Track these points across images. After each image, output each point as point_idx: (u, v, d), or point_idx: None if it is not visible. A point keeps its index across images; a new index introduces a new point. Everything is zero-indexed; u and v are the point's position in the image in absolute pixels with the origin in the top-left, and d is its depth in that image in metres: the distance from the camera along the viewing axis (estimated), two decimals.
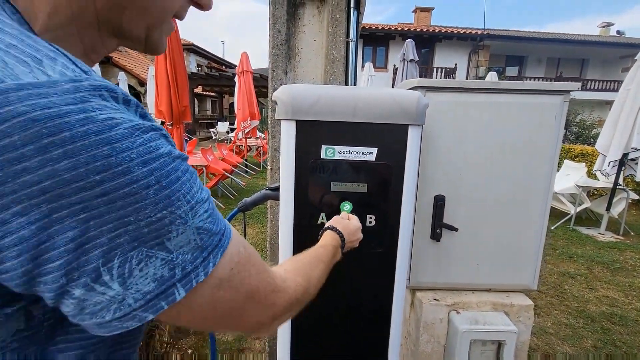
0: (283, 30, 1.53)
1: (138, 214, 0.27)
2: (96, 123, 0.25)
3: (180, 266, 0.30)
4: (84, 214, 0.25)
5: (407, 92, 0.99)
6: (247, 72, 7.14)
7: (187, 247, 0.30)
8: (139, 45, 0.40)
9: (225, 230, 0.35)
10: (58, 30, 0.33)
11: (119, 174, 0.26)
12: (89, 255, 0.26)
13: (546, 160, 1.26)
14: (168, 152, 0.30)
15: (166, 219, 0.29)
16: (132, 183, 0.26)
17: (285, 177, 1.00)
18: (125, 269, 0.27)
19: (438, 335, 1.35)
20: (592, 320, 2.62)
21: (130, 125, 0.27)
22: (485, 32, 14.56)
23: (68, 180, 0.24)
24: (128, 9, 0.35)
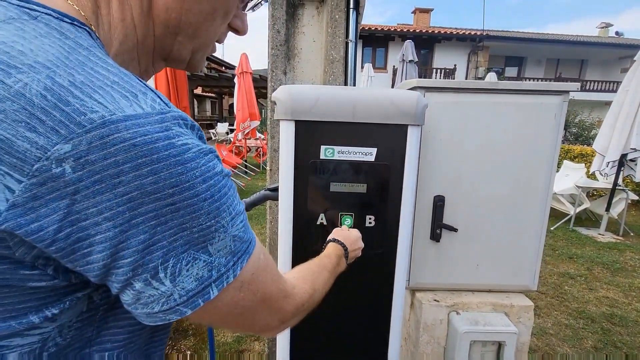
0: (282, 30, 1.53)
1: (193, 221, 0.32)
2: (175, 148, 0.31)
3: (216, 268, 0.34)
4: (155, 220, 0.30)
5: (406, 92, 0.99)
6: (246, 73, 7.13)
7: (223, 251, 0.35)
8: (182, 65, 0.46)
9: (252, 238, 0.40)
10: (125, 54, 0.40)
11: (186, 188, 0.31)
12: (152, 255, 0.31)
13: (546, 161, 1.25)
14: (220, 171, 0.35)
15: (213, 227, 0.33)
16: (194, 196, 0.32)
17: (284, 177, 1.00)
18: (177, 269, 0.32)
19: (438, 336, 1.34)
20: (592, 321, 2.62)
21: (197, 149, 0.33)
22: (484, 33, 14.59)
23: (149, 192, 0.29)
24: (180, 36, 0.41)
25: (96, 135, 0.28)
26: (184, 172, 0.31)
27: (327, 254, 0.72)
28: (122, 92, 0.30)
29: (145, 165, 0.29)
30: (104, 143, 0.28)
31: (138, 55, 0.41)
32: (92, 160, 0.28)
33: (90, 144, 0.28)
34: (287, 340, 1.09)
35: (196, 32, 0.42)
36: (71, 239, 0.29)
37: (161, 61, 0.44)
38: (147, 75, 0.45)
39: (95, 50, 0.32)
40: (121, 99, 0.30)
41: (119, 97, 0.30)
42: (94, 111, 0.28)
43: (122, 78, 0.32)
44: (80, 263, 0.30)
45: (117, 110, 0.29)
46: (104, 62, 0.32)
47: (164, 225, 0.31)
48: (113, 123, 0.28)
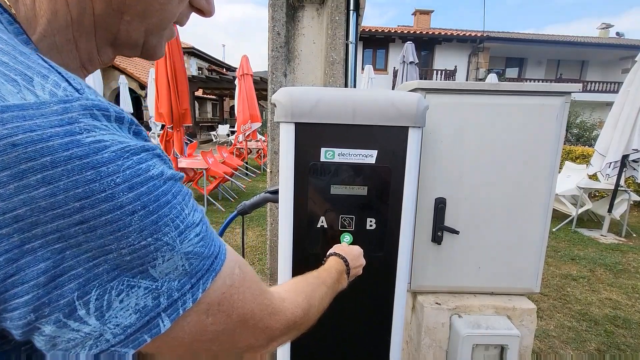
0: (282, 32, 1.53)
1: (120, 241, 0.25)
2: (82, 147, 0.24)
3: (165, 294, 0.28)
4: (60, 243, 0.24)
5: (407, 94, 0.99)
6: (247, 75, 7.15)
7: (173, 273, 0.29)
8: (136, 51, 0.38)
9: (219, 252, 0.34)
10: (56, 35, 0.33)
11: (102, 200, 0.24)
12: (63, 288, 0.24)
13: (547, 162, 1.25)
14: (159, 174, 0.28)
15: (151, 246, 0.27)
16: (116, 209, 0.25)
17: (284, 180, 0.99)
18: (104, 302, 0.26)
19: (440, 340, 1.33)
20: (596, 323, 2.60)
21: (119, 148, 0.26)
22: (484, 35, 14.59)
23: (44, 207, 0.23)
24: (126, 14, 0.34)
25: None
26: (97, 178, 0.24)
27: (326, 268, 0.67)
28: (10, 74, 0.24)
29: (33, 172, 0.22)
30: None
31: (74, 37, 0.34)
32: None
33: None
34: (287, 343, 1.08)
35: (147, 11, 0.35)
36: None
37: (108, 46, 0.36)
38: (92, 65, 0.37)
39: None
40: (5, 83, 0.23)
41: (3, 82, 0.23)
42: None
43: (16, 57, 0.25)
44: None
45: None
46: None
47: (76, 249, 0.24)
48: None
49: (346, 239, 1.01)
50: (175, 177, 0.30)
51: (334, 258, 0.74)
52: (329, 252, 0.78)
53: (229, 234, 4.13)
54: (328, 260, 0.74)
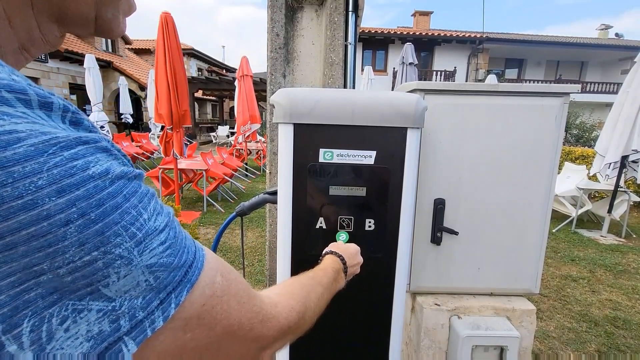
0: (281, 33, 1.53)
1: (54, 259, 0.21)
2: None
3: (127, 315, 0.24)
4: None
5: (405, 95, 0.99)
6: (247, 76, 7.16)
7: (135, 290, 0.24)
8: (88, 28, 0.32)
9: (195, 259, 0.29)
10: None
11: (19, 209, 0.19)
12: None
13: (546, 163, 1.25)
14: (102, 173, 0.23)
15: (99, 261, 0.22)
16: (41, 220, 0.20)
17: (283, 180, 0.99)
18: (42, 333, 0.21)
19: (439, 341, 1.33)
20: (596, 324, 2.59)
21: (40, 140, 0.20)
22: (484, 36, 14.61)
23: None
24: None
25: None
26: (8, 181, 0.19)
27: (322, 268, 0.64)
28: None
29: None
30: None
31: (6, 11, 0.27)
32: None
33: None
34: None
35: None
36: None
37: (52, 23, 0.30)
38: (34, 46, 0.31)
39: None
40: None
41: None
42: None
43: None
44: None
45: None
46: None
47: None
48: None
49: (342, 237, 1.00)
50: (128, 174, 0.25)
51: (330, 257, 0.71)
52: (325, 251, 0.75)
53: (228, 235, 4.13)
54: (324, 259, 0.71)
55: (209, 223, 4.63)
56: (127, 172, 0.25)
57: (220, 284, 0.31)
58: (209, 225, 4.57)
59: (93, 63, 8.21)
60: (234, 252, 3.69)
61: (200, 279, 0.29)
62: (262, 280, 3.06)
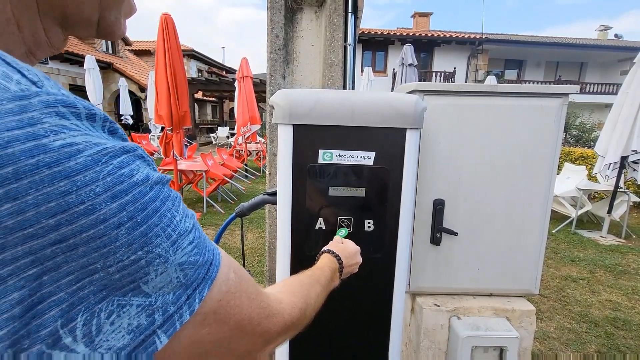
0: (281, 35, 1.53)
1: (107, 259, 0.23)
2: (50, 152, 0.20)
3: (160, 310, 0.26)
4: (35, 268, 0.21)
5: (404, 95, 0.99)
6: (247, 77, 7.17)
7: (168, 286, 0.26)
8: (90, 30, 0.33)
9: (214, 258, 0.31)
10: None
11: (81, 214, 0.21)
12: (43, 317, 0.21)
13: (546, 163, 1.25)
14: (144, 179, 0.25)
15: (142, 260, 0.24)
16: (98, 224, 0.22)
17: (282, 181, 0.99)
18: (92, 326, 0.23)
19: (439, 342, 1.33)
20: (596, 325, 2.59)
21: (95, 151, 0.23)
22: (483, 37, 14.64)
23: (11, 228, 0.20)
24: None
25: None
26: (72, 189, 0.21)
27: (319, 267, 0.65)
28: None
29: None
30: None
31: (15, 16, 0.28)
32: None
33: None
34: (285, 345, 1.07)
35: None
36: None
37: (57, 26, 0.31)
38: (40, 50, 0.32)
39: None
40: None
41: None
42: None
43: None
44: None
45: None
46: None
47: (55, 272, 0.21)
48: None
49: (341, 232, 1.00)
50: (162, 180, 0.27)
51: (327, 256, 0.72)
52: (323, 249, 0.76)
53: (228, 235, 4.13)
54: (321, 258, 0.72)
55: (209, 224, 4.63)
56: (161, 178, 0.27)
57: (233, 281, 0.32)
58: (209, 226, 4.57)
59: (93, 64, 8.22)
60: (234, 252, 3.69)
61: (218, 276, 0.31)
62: (261, 281, 3.06)
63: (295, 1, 1.59)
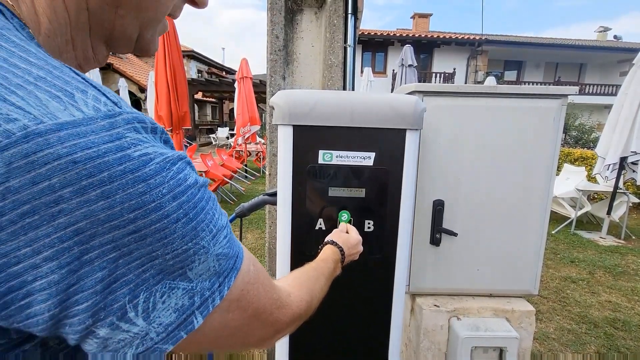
0: (281, 36, 1.54)
1: (166, 247, 0.27)
2: (132, 161, 0.25)
3: (199, 294, 0.30)
4: (114, 253, 0.25)
5: (404, 96, 0.99)
6: (246, 78, 7.17)
7: (206, 274, 0.31)
8: (129, 47, 0.38)
9: (239, 252, 0.35)
10: (58, 36, 0.32)
11: (152, 210, 0.26)
12: (116, 294, 0.26)
13: (545, 164, 1.25)
14: (194, 183, 0.30)
15: (191, 250, 0.29)
16: (163, 218, 0.27)
17: (282, 182, 0.99)
18: (150, 303, 0.28)
19: (439, 342, 1.33)
20: (595, 326, 2.59)
21: (161, 159, 0.27)
22: (483, 38, 14.67)
23: (102, 220, 0.24)
24: (121, 8, 0.33)
25: (17, 153, 0.21)
26: (147, 190, 0.25)
27: (323, 258, 0.69)
28: (51, 91, 0.24)
29: (93, 187, 0.23)
30: (30, 163, 0.22)
31: (72, 37, 0.33)
32: (15, 188, 0.21)
33: (10, 166, 0.21)
34: (285, 346, 1.08)
35: (141, 4, 0.34)
36: (0, 290, 0.23)
37: (102, 44, 0.36)
38: (87, 64, 0.36)
39: (8, 34, 0.25)
40: (51, 100, 0.23)
41: (48, 99, 0.23)
42: (10, 120, 0.21)
43: (51, 72, 0.25)
44: (18, 318, 0.24)
45: (46, 116, 0.22)
46: (23, 49, 0.25)
47: (128, 257, 0.26)
48: (41, 135, 0.22)
49: (344, 217, 1.00)
50: (205, 183, 0.32)
51: (330, 247, 0.75)
52: (327, 239, 0.79)
53: None
54: (324, 249, 0.75)
55: None
56: (205, 181, 0.32)
57: (253, 273, 0.37)
58: None
59: None
60: None
61: (242, 268, 0.35)
62: None
63: (296, 2, 1.59)
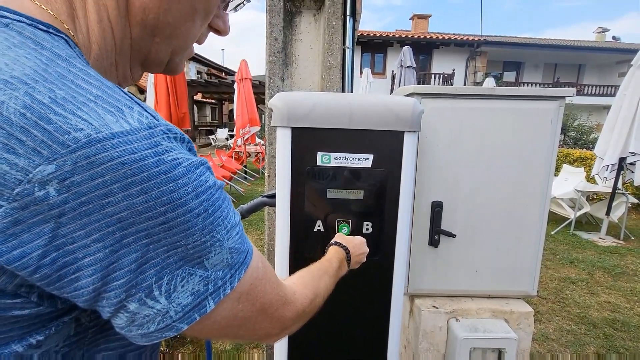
0: (280, 38, 1.54)
1: (188, 238, 0.32)
2: (166, 164, 0.30)
3: (213, 282, 0.34)
4: (147, 239, 0.30)
5: (402, 98, 1.00)
6: (246, 79, 7.18)
7: (220, 265, 0.35)
8: (160, 68, 0.44)
9: (249, 248, 0.39)
10: (104, 60, 0.38)
11: (178, 205, 0.30)
12: (146, 274, 0.31)
13: (543, 165, 1.26)
14: (213, 184, 0.35)
15: (208, 242, 0.33)
16: (187, 213, 0.31)
17: (281, 184, 1.00)
18: (172, 285, 0.32)
19: (437, 343, 1.33)
20: (594, 327, 2.60)
21: (188, 163, 0.32)
22: (482, 39, 14.70)
23: (140, 211, 0.29)
24: (157, 37, 0.40)
25: (82, 155, 0.27)
26: (176, 189, 0.30)
27: (328, 258, 0.72)
28: (106, 107, 0.29)
29: (135, 184, 0.28)
30: (90, 163, 0.27)
31: (116, 60, 0.40)
32: (78, 182, 0.27)
33: (76, 165, 0.27)
34: (284, 348, 1.08)
35: (174, 33, 0.40)
36: (57, 264, 0.28)
37: (138, 65, 0.43)
38: (125, 82, 0.43)
39: (74, 61, 0.31)
40: (106, 114, 0.29)
41: (104, 113, 0.29)
42: (78, 129, 0.27)
43: (106, 92, 0.31)
44: (68, 289, 0.29)
45: (103, 127, 0.28)
46: (86, 73, 0.31)
47: (157, 244, 0.30)
48: (100, 142, 0.27)
49: (344, 230, 1.02)
50: (221, 186, 0.37)
51: (334, 247, 0.78)
52: (331, 242, 0.82)
53: None
54: (329, 250, 0.78)
55: None
56: (221, 184, 0.37)
57: (261, 269, 0.40)
58: None
59: None
60: None
61: (252, 263, 0.39)
62: None
63: (294, 4, 1.59)
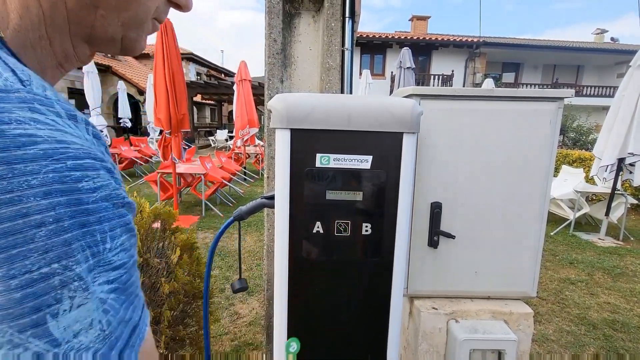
0: (279, 39, 1.54)
1: (12, 265, 0.18)
2: (3, 138, 0.20)
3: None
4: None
5: (401, 100, 1.00)
6: (245, 81, 7.19)
7: (85, 334, 0.20)
8: (115, 47, 0.37)
9: (140, 323, 0.25)
10: (29, 32, 0.31)
11: (4, 202, 0.19)
12: None
13: (542, 166, 1.26)
14: (90, 189, 0.23)
15: (56, 277, 0.20)
16: (18, 217, 0.19)
17: (280, 185, 1.00)
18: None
19: (437, 345, 1.33)
20: (594, 327, 2.59)
21: (52, 147, 0.21)
22: (481, 40, 14.74)
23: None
24: (100, 8, 0.33)
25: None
26: (7, 175, 0.19)
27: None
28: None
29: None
30: None
31: (48, 34, 0.33)
32: None
33: None
34: (284, 349, 1.07)
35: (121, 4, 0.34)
36: None
37: (84, 43, 0.35)
38: (69, 63, 0.36)
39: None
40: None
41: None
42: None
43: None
44: None
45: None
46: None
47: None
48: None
49: (292, 347, 0.84)
50: (115, 199, 0.24)
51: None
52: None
53: (227, 239, 4.12)
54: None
55: (207, 227, 4.62)
56: (114, 197, 0.25)
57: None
58: (208, 229, 4.56)
59: (92, 67, 8.22)
60: (232, 256, 3.68)
61: (142, 350, 0.25)
62: (260, 285, 3.06)
63: (293, 6, 1.60)
